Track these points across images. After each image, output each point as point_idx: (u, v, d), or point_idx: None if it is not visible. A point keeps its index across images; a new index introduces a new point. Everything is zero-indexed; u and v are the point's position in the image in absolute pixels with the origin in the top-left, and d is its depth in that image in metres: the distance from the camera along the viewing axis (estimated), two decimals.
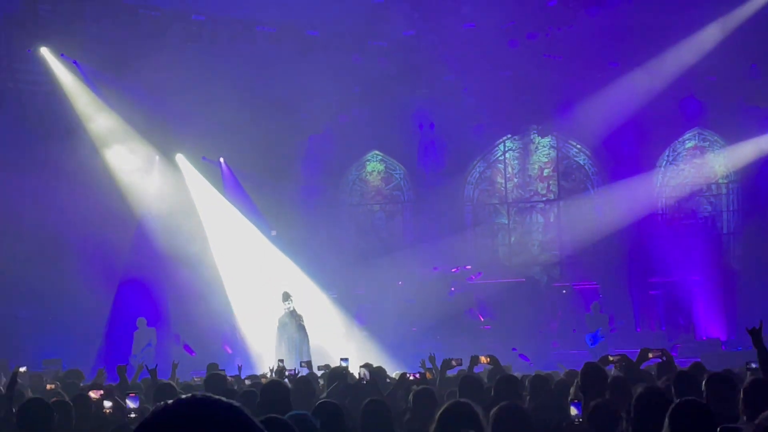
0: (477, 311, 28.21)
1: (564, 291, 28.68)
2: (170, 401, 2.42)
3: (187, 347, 26.20)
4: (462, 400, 6.65)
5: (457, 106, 28.92)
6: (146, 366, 14.49)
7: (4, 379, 15.76)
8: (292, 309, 21.94)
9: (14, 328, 24.45)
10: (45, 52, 25.16)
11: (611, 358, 11.50)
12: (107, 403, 9.65)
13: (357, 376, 12.35)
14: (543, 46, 26.60)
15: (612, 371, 11.72)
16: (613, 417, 7.68)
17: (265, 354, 23.24)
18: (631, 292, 27.75)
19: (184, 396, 2.44)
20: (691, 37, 25.79)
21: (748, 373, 10.37)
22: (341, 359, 13.69)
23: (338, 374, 12.36)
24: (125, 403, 9.33)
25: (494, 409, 6.94)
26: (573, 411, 8.24)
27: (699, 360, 17.18)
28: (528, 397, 9.78)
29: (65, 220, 25.31)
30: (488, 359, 12.09)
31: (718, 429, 3.74)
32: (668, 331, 26.65)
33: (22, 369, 16.23)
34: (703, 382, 8.28)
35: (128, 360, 25.32)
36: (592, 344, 25.06)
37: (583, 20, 25.33)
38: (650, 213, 28.62)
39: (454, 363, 12.52)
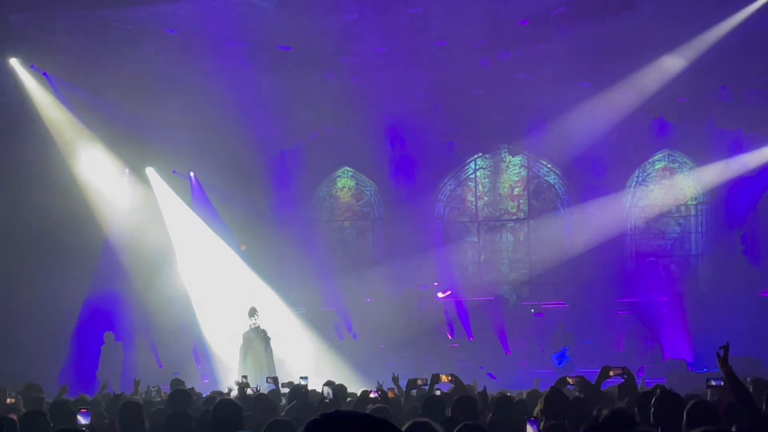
0: (446, 329, 28.21)
1: (533, 310, 28.72)
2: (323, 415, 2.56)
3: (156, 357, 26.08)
4: (422, 419, 6.60)
5: (429, 123, 28.94)
6: (108, 383, 14.40)
7: None
8: (257, 325, 21.90)
9: None
10: (14, 63, 25.05)
11: (570, 380, 11.50)
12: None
13: (321, 394, 12.29)
14: (514, 65, 26.67)
15: (572, 391, 11.72)
16: None
17: (231, 368, 23.13)
18: (599, 312, 27.77)
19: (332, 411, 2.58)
20: (661, 59, 25.90)
21: (709, 391, 10.39)
22: (300, 377, 13.64)
23: (297, 392, 12.30)
24: (76, 418, 9.24)
25: (456, 429, 6.92)
26: (529, 429, 8.22)
27: (664, 381, 17.23)
28: (490, 415, 9.75)
29: (32, 232, 25.14)
30: (450, 378, 12.06)
31: None
32: (635, 351, 26.69)
33: None
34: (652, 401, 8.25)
35: (95, 375, 25.24)
36: (559, 364, 25.11)
37: (554, 40, 25.40)
38: (619, 233, 28.73)
39: (419, 382, 12.49)
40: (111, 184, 27.07)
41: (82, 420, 9.17)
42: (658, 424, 7.72)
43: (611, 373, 11.29)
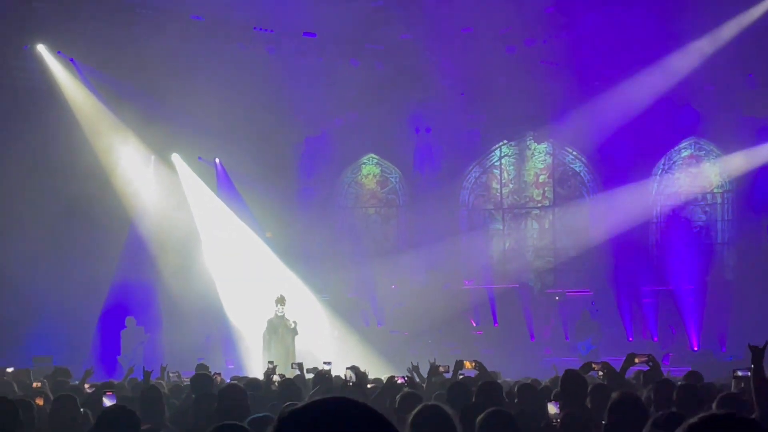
0: (470, 316, 28.22)
1: (557, 298, 28.66)
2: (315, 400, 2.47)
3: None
4: (431, 402, 6.60)
5: (454, 110, 28.88)
6: (136, 366, 14.46)
7: None
8: (283, 313, 21.94)
9: (5, 326, 24.40)
10: (41, 49, 25.14)
11: (594, 366, 11.47)
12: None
13: (343, 378, 12.31)
14: (540, 52, 26.60)
15: (596, 378, 11.70)
16: (588, 424, 7.66)
17: (256, 354, 23.20)
18: (624, 300, 27.68)
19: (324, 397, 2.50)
20: (688, 46, 25.76)
21: (734, 381, 10.33)
22: (324, 362, 13.67)
23: (321, 377, 12.34)
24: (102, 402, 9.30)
25: (481, 415, 6.90)
26: (552, 410, 8.23)
27: (691, 369, 17.16)
28: (516, 401, 9.75)
29: (59, 218, 25.25)
30: (473, 364, 12.05)
31: None
32: (660, 340, 26.62)
33: (9, 369, 16.26)
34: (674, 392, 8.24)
35: (116, 359, 25.38)
36: (583, 352, 25.06)
37: (580, 28, 25.33)
38: (645, 221, 28.61)
39: (441, 369, 12.47)
40: (137, 170, 27.14)
41: (107, 402, 9.22)
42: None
43: (636, 360, 11.27)
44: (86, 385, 12.63)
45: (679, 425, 2.82)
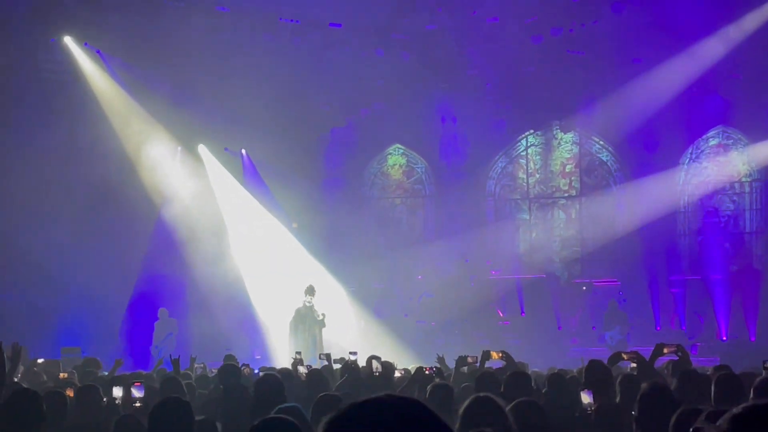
0: (497, 306, 28.19)
1: (584, 288, 28.59)
2: (362, 400, 2.42)
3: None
4: (484, 394, 6.59)
5: (480, 100, 28.81)
6: (166, 358, 14.51)
7: (22, 368, 15.80)
8: (312, 304, 21.98)
9: (34, 317, 24.53)
10: (68, 41, 25.24)
11: (624, 355, 11.42)
12: (116, 393, 9.67)
13: (371, 367, 12.30)
14: (566, 41, 26.51)
15: (627, 368, 11.65)
16: (621, 414, 7.64)
17: (283, 344, 23.26)
18: (651, 290, 27.58)
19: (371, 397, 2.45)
20: (715, 34, 25.61)
21: (765, 372, 10.25)
22: (350, 353, 13.67)
23: (348, 368, 12.35)
24: (130, 392, 9.33)
25: (510, 405, 6.90)
26: (585, 399, 8.21)
27: (718, 360, 17.10)
28: (544, 391, 9.73)
29: (86, 210, 25.35)
30: (500, 354, 12.02)
31: (691, 429, 3.71)
32: (688, 330, 26.51)
33: (40, 360, 16.36)
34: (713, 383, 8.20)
35: (149, 350, 25.48)
36: (611, 342, 24.98)
37: (607, 16, 25.23)
38: (672, 210, 28.47)
39: (469, 360, 12.45)
40: (163, 161, 27.21)
41: (136, 393, 9.25)
42: (718, 405, 7.66)
43: (665, 351, 11.20)
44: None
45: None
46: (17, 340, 9.94)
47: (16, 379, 11.20)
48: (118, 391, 9.75)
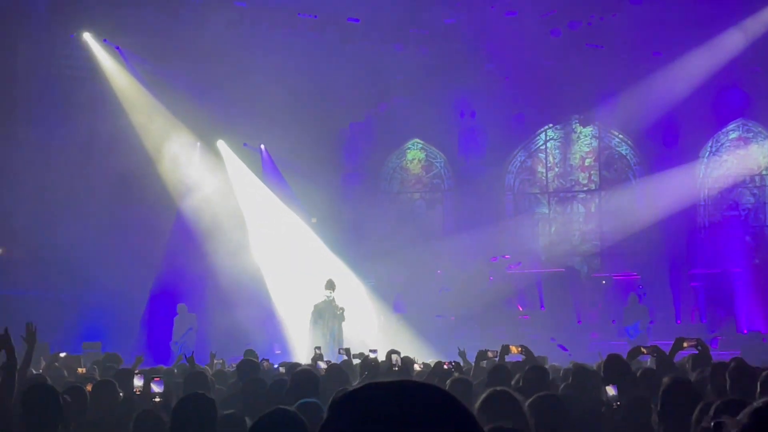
0: (516, 301, 28.15)
1: (604, 282, 28.52)
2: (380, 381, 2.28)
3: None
4: (500, 388, 6.59)
5: (499, 95, 28.77)
6: (185, 355, 14.57)
7: (43, 363, 15.87)
8: (332, 298, 22.01)
9: (56, 312, 24.63)
10: (88, 37, 25.33)
11: (644, 350, 11.40)
12: (137, 383, 9.71)
13: (391, 361, 12.30)
14: (585, 35, 26.43)
15: (647, 362, 11.63)
16: (646, 408, 7.63)
17: (302, 339, 23.29)
18: (671, 284, 27.51)
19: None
20: (735, 26, 25.51)
21: None
22: (370, 350, 13.65)
23: (367, 364, 12.35)
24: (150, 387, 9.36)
25: (530, 399, 6.90)
26: (611, 392, 8.21)
27: (739, 353, 17.02)
28: (562, 386, 9.71)
29: (107, 205, 25.45)
30: (520, 349, 12.00)
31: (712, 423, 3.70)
32: (709, 323, 26.41)
33: (62, 354, 16.42)
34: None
35: (169, 345, 25.56)
36: (631, 336, 24.91)
37: (626, 9, 25.13)
38: (692, 204, 28.38)
39: (490, 354, 12.43)
40: (183, 156, 27.27)
41: (155, 388, 9.28)
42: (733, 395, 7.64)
43: (685, 345, 11.18)
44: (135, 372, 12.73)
45: (739, 412, 2.80)
46: (41, 334, 9.97)
47: (35, 372, 11.27)
48: (138, 381, 9.79)
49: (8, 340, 8.17)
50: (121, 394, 9.43)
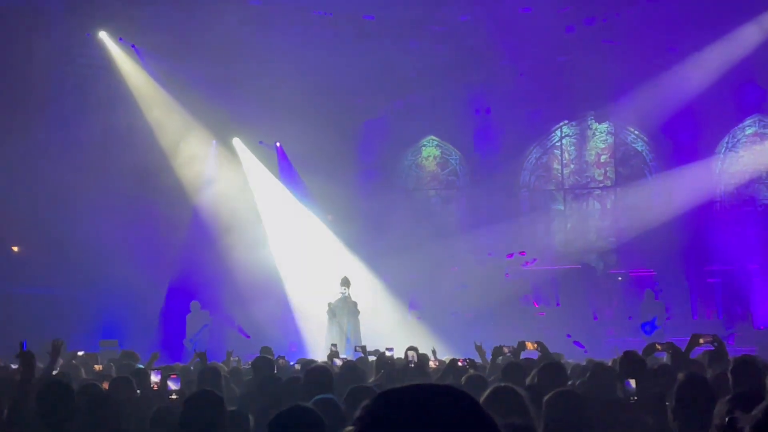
0: (532, 298, 28.13)
1: (620, 278, 28.48)
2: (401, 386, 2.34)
3: (241, 330, 26.39)
4: (504, 384, 6.60)
5: (514, 91, 28.71)
6: (200, 351, 14.61)
7: (61, 360, 15.93)
8: (346, 295, 22.04)
9: (73, 309, 24.73)
10: (103, 35, 25.40)
11: (658, 346, 11.39)
12: (154, 378, 9.76)
13: (405, 358, 12.33)
14: (600, 31, 26.36)
15: (664, 359, 11.61)
16: (662, 403, 7.63)
17: (318, 337, 23.34)
18: (688, 280, 27.46)
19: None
20: (751, 21, 25.42)
21: None
22: (386, 348, 13.67)
23: (383, 362, 12.37)
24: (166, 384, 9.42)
25: (548, 395, 6.90)
26: (628, 387, 8.22)
27: (755, 349, 17.00)
28: (577, 383, 9.72)
29: (122, 202, 25.53)
30: (536, 345, 12.01)
31: (726, 419, 3.70)
32: (725, 319, 26.36)
33: (80, 352, 16.49)
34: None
35: (182, 343, 25.63)
36: (647, 333, 24.87)
37: (641, 5, 25.07)
38: (709, 200, 28.28)
39: (506, 350, 12.44)
40: (199, 154, 27.34)
41: (172, 385, 9.33)
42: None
43: (701, 341, 11.16)
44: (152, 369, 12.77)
45: (754, 404, 2.80)
46: (58, 332, 10.04)
47: (54, 372, 11.31)
48: (155, 377, 9.84)
49: (28, 356, 8.26)
50: (138, 391, 9.47)
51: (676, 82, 26.54)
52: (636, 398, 8.20)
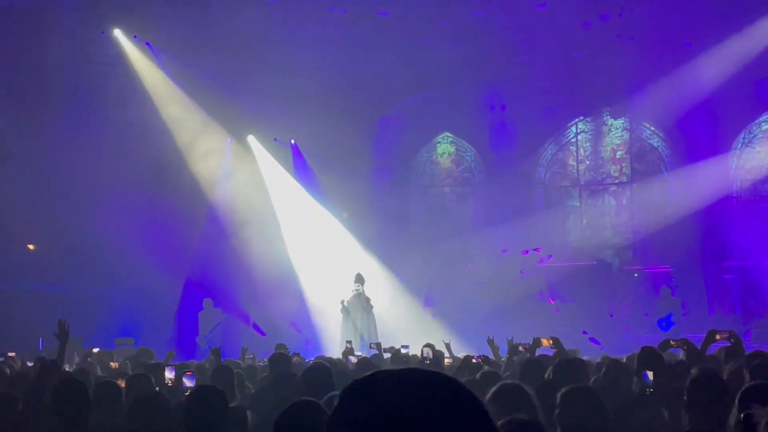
0: (547, 294, 28.07)
1: (636, 275, 28.40)
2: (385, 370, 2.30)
3: (256, 327, 26.41)
4: (509, 381, 6.59)
5: (529, 87, 28.63)
6: (211, 348, 14.63)
7: (77, 358, 16.01)
8: (360, 291, 22.04)
9: (89, 308, 24.78)
10: (118, 33, 25.46)
11: (673, 342, 11.35)
12: (168, 375, 9.79)
13: (421, 355, 12.33)
14: (616, 26, 26.30)
15: (680, 355, 11.57)
16: (677, 396, 7.61)
17: (334, 334, 23.35)
18: (704, 276, 27.37)
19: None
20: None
21: None
22: (402, 346, 13.67)
23: (398, 359, 12.37)
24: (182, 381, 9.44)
25: (562, 391, 6.88)
26: (645, 379, 8.19)
27: None
28: (593, 379, 9.69)
29: (138, 200, 25.59)
30: (551, 341, 11.99)
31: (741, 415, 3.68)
32: (742, 315, 26.27)
33: (95, 350, 16.56)
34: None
35: (195, 340, 25.68)
36: (664, 329, 24.80)
37: (657, 0, 24.98)
38: (725, 196, 28.19)
39: (521, 348, 12.43)
40: (214, 152, 27.38)
41: (187, 382, 9.36)
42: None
43: (717, 337, 11.11)
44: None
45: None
46: (74, 330, 10.04)
47: (68, 368, 11.34)
48: (169, 373, 9.87)
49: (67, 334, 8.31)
50: (157, 388, 9.49)
51: (691, 78, 26.46)
52: (651, 390, 8.18)
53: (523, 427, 4.73)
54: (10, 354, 15.08)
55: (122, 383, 9.73)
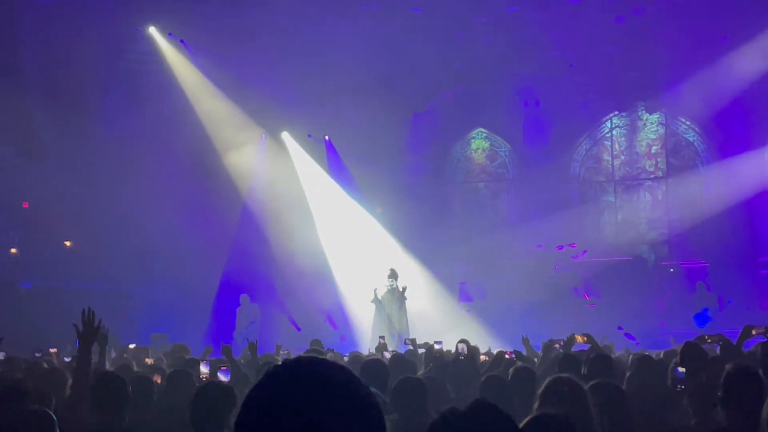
0: (582, 290, 27.98)
1: (672, 270, 28.25)
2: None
3: (293, 321, 26.49)
4: (564, 375, 6.56)
5: (563, 82, 28.57)
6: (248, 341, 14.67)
7: (113, 354, 16.10)
8: (394, 287, 22.06)
9: (125, 304, 24.93)
10: (153, 31, 25.59)
11: (708, 338, 11.28)
12: (203, 369, 9.85)
13: (456, 351, 12.32)
14: (650, 21, 26.16)
15: (717, 350, 11.50)
16: (712, 393, 7.57)
17: (368, 329, 23.37)
18: (740, 271, 27.18)
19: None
20: None
21: None
22: (435, 342, 13.68)
23: (432, 355, 12.36)
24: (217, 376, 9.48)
25: (589, 385, 6.87)
26: (680, 375, 8.16)
27: None
28: (627, 374, 9.65)
29: (173, 197, 25.69)
30: (585, 338, 11.95)
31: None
32: None
33: (131, 346, 16.67)
34: None
35: (232, 336, 25.77)
36: (700, 324, 24.67)
37: None
38: (761, 191, 27.97)
39: (557, 346, 12.40)
40: (248, 148, 27.48)
41: (222, 377, 9.40)
42: None
43: (753, 332, 11.02)
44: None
45: None
46: (110, 326, 10.08)
47: (108, 365, 11.43)
48: (204, 368, 9.95)
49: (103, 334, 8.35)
50: (197, 384, 9.54)
51: (727, 72, 26.29)
52: (683, 387, 8.14)
53: (553, 420, 4.72)
54: (52, 350, 15.20)
55: (158, 379, 9.80)
